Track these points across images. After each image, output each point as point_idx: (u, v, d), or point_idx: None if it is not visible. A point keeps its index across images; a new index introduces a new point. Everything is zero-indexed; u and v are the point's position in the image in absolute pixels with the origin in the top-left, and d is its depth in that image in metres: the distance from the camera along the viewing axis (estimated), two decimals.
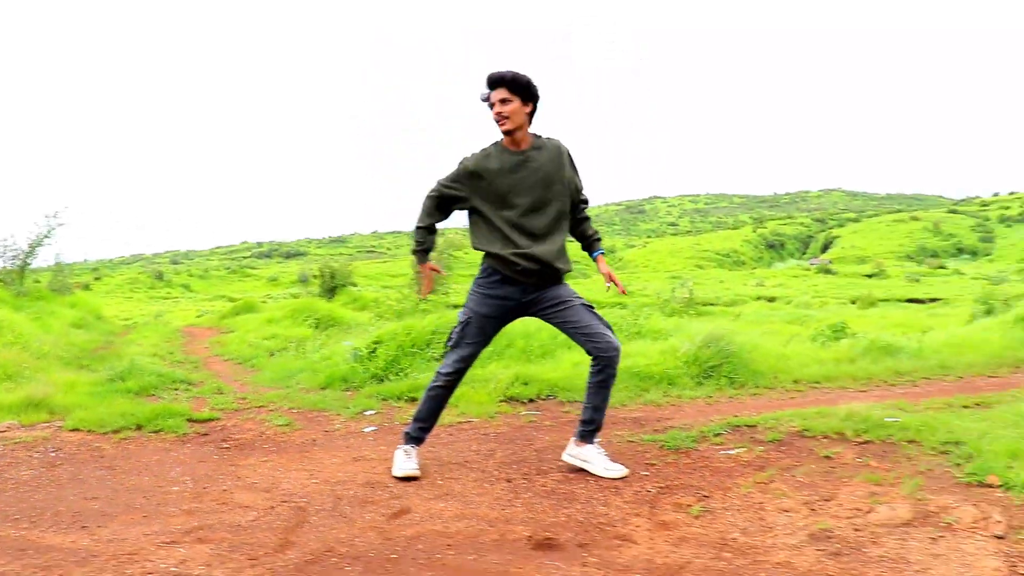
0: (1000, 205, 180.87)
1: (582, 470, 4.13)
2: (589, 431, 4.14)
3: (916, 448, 4.15)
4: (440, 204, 4.12)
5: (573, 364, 6.65)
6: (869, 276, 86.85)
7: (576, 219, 4.27)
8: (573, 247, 4.28)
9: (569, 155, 4.10)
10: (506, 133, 3.95)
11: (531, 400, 6.07)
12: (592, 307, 4.13)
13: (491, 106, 3.92)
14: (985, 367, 7.38)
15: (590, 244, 4.33)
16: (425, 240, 4.17)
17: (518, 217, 3.98)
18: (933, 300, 50.79)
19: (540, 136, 4.06)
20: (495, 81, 3.89)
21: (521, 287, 4.04)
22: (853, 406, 4.95)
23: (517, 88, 3.89)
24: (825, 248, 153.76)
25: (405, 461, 4.14)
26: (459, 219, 4.29)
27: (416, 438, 4.24)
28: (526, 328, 7.61)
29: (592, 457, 4.12)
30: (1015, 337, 8.38)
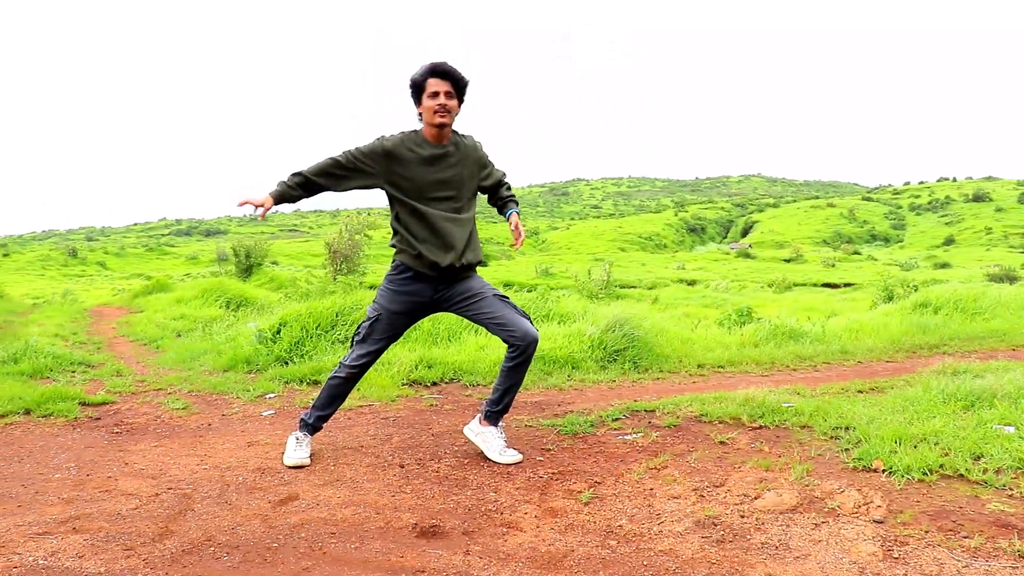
0: (911, 194, 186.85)
1: (477, 455, 4.12)
2: (495, 412, 4.13)
3: (808, 433, 4.24)
4: (340, 170, 3.91)
5: (479, 347, 6.65)
6: (787, 261, 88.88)
7: (497, 193, 4.25)
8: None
9: (482, 150, 4.06)
10: (441, 127, 3.86)
11: (434, 383, 6.05)
12: (506, 297, 4.10)
13: (432, 95, 3.80)
14: (883, 352, 7.56)
15: (504, 204, 4.26)
16: (292, 188, 3.88)
17: (430, 212, 3.92)
18: (847, 285, 52.24)
19: (457, 132, 4.00)
20: (446, 72, 3.80)
21: (432, 284, 4.00)
22: (751, 391, 5.04)
23: (461, 88, 3.86)
24: (745, 232, 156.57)
25: (295, 450, 4.07)
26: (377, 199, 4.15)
27: (311, 426, 4.17)
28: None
29: (491, 440, 4.10)
30: (913, 322, 8.61)
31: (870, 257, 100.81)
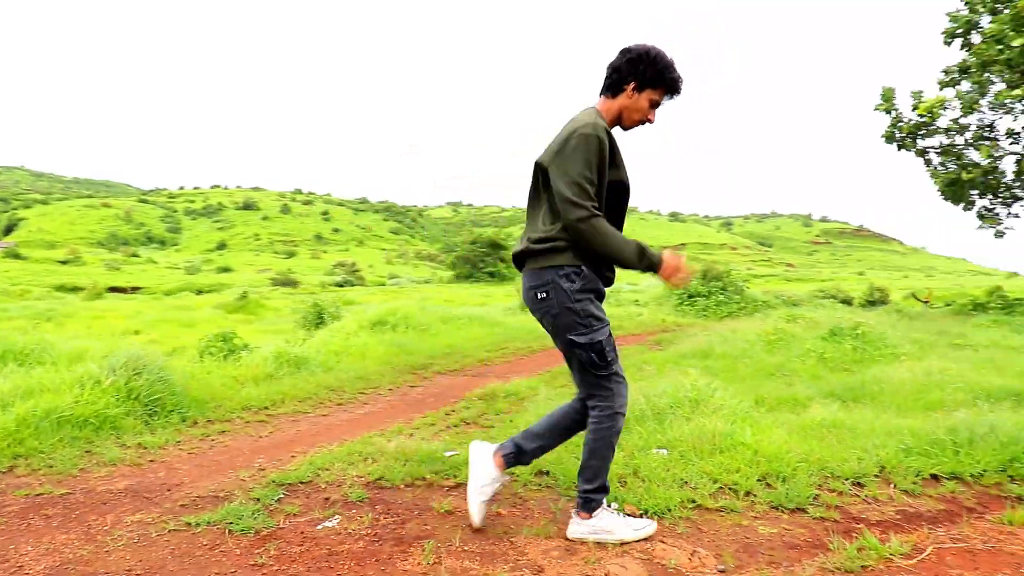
0: (186, 198, 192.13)
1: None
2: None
3: (521, 486, 3.87)
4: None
5: None
6: (64, 262, 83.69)
7: None
8: None
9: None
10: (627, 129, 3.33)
11: None
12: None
13: (654, 105, 3.25)
14: (389, 376, 7.61)
15: None
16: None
17: None
18: (136, 289, 51.02)
19: None
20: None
21: None
22: (399, 442, 4.56)
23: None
24: (9, 230, 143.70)
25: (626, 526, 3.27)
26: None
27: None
28: None
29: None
30: (390, 342, 8.78)
31: (150, 260, 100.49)
